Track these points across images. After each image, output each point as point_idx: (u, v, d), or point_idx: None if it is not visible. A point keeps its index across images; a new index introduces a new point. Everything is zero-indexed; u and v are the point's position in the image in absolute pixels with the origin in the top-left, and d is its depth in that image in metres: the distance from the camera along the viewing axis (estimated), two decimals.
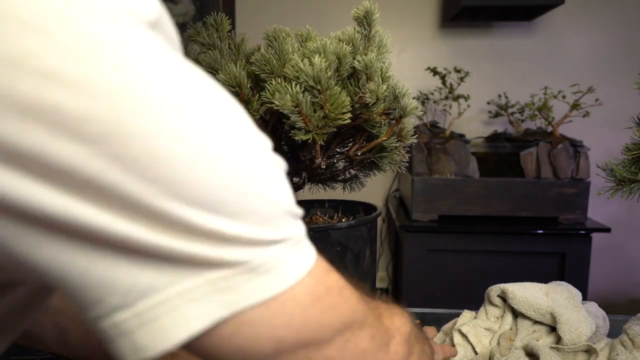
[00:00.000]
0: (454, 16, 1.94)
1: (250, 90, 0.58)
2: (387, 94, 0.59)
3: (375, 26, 0.63)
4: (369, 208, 0.79)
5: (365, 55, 0.58)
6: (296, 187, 0.69)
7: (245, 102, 0.57)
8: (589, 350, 0.62)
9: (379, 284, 2.26)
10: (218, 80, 0.55)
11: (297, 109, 0.52)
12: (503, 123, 2.07)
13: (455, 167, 1.65)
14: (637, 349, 0.61)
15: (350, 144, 0.70)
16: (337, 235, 0.64)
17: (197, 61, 0.66)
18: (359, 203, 0.81)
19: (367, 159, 0.69)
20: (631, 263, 2.14)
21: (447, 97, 1.85)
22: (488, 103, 2.05)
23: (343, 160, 0.68)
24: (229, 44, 0.65)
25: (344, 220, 0.78)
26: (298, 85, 0.52)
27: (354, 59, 0.58)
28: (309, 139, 0.55)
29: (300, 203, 0.80)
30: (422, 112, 1.98)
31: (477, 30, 2.10)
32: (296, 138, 0.56)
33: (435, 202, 1.66)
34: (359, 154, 0.64)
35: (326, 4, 2.15)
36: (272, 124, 0.63)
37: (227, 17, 0.67)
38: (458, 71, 1.82)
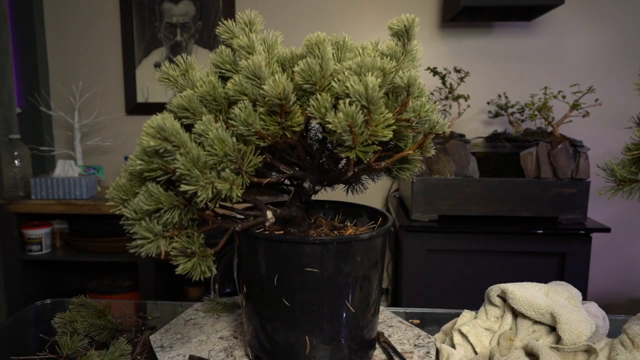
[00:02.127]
0: (454, 16, 1.94)
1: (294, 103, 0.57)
2: (429, 113, 0.59)
3: (413, 40, 0.63)
4: (371, 211, 0.78)
5: (407, 71, 0.57)
6: (310, 193, 0.69)
7: (285, 114, 0.56)
8: (589, 350, 0.62)
9: None
10: (262, 90, 0.54)
11: (351, 128, 0.52)
12: (503, 123, 2.07)
13: (455, 167, 1.65)
14: (637, 348, 0.61)
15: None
16: (359, 245, 0.63)
17: (234, 66, 0.64)
18: (361, 206, 0.80)
19: (387, 169, 0.69)
20: (631, 263, 2.14)
21: (447, 97, 1.85)
22: (488, 103, 2.05)
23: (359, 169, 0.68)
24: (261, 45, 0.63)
25: (348, 223, 0.77)
26: (353, 104, 0.51)
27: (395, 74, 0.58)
28: (353, 156, 0.55)
29: (321, 204, 0.80)
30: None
31: (477, 30, 2.10)
32: (342, 155, 0.56)
33: (435, 202, 1.66)
34: (382, 164, 0.63)
35: (325, 2, 2.15)
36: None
37: (258, 14, 0.66)
38: (458, 71, 1.82)
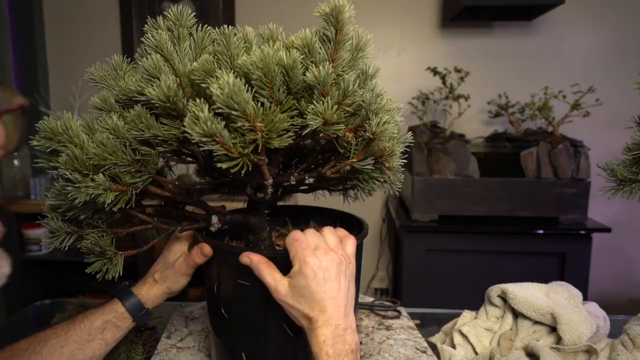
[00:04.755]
0: (454, 16, 1.94)
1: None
2: (338, 113, 0.49)
3: (346, 26, 0.52)
4: (351, 220, 0.71)
5: (322, 67, 0.48)
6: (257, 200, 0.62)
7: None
8: (590, 351, 0.62)
9: (379, 284, 2.26)
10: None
11: (211, 139, 0.45)
12: (503, 123, 2.06)
13: (455, 167, 1.65)
14: (638, 349, 0.61)
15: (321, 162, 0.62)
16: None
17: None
18: (343, 214, 0.74)
19: (349, 180, 0.61)
20: (631, 263, 2.13)
21: (447, 97, 1.85)
22: (488, 103, 2.05)
23: (314, 179, 0.59)
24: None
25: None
26: (211, 112, 0.45)
27: (307, 69, 0.49)
28: (235, 166, 0.47)
29: (291, 210, 0.77)
30: (422, 112, 1.97)
31: (477, 30, 2.09)
32: (222, 166, 0.48)
33: (435, 202, 1.66)
34: (333, 171, 0.56)
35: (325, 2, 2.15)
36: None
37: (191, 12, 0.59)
38: (458, 71, 1.82)
